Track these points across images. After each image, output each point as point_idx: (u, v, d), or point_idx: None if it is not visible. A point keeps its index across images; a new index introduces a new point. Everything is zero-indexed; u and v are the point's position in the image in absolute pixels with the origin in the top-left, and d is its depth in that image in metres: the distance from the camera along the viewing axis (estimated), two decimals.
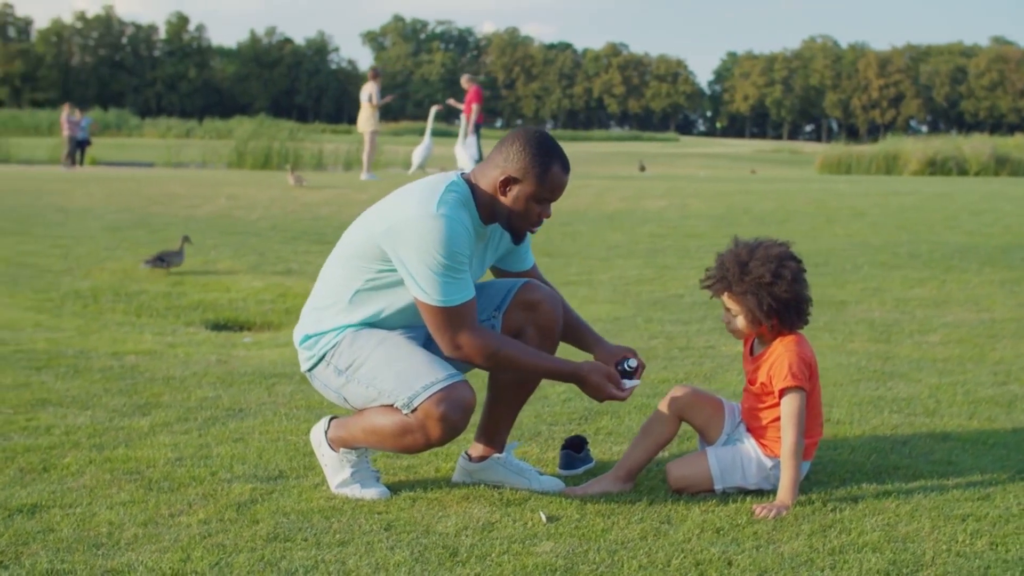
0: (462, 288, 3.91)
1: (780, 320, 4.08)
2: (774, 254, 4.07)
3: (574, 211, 16.59)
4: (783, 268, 4.04)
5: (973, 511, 3.90)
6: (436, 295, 3.88)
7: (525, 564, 3.42)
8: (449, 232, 3.83)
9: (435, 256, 3.83)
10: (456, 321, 3.92)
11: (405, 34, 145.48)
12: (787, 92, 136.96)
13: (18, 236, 13.01)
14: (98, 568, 3.42)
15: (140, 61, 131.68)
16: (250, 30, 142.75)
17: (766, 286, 4.04)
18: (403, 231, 3.87)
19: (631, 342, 7.42)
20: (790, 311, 4.06)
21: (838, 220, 15.37)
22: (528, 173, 3.98)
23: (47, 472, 4.49)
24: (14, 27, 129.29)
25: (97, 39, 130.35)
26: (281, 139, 40.09)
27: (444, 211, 3.85)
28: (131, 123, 74.98)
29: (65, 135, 34.76)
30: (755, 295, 4.06)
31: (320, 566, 3.42)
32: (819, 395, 4.21)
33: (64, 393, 5.89)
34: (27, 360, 6.71)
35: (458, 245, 3.86)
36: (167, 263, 10.47)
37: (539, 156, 3.98)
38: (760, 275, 4.04)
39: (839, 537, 3.65)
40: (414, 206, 3.88)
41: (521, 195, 4.00)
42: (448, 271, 3.85)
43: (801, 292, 4.07)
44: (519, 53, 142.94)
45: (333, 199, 18.64)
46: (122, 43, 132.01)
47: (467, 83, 26.10)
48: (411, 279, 3.90)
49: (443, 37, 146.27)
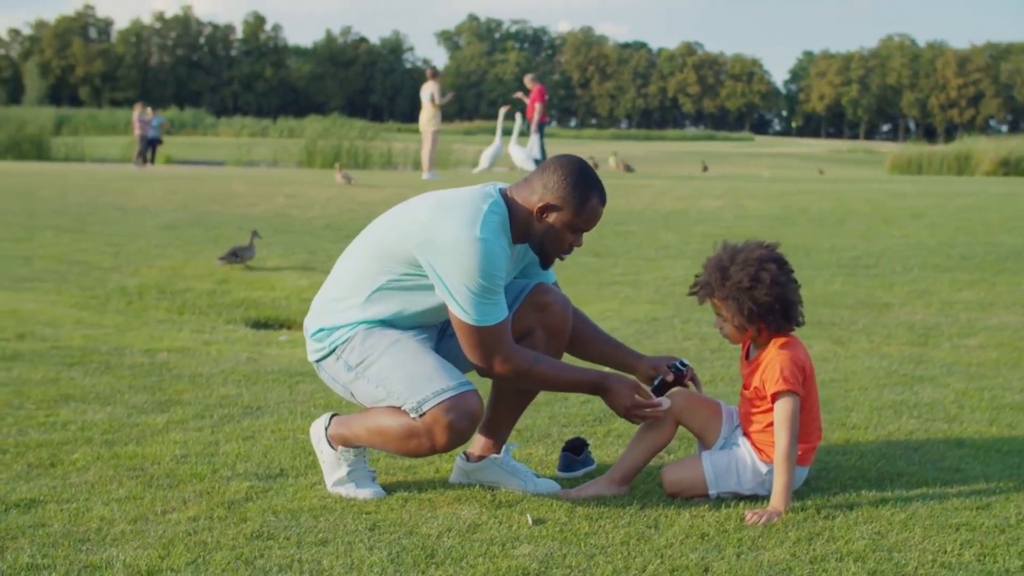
0: (497, 308, 3.94)
1: (765, 324, 4.02)
2: (754, 257, 4.02)
3: (630, 211, 16.53)
4: (762, 271, 3.99)
5: (969, 520, 3.81)
6: (473, 315, 3.91)
7: (499, 567, 3.40)
8: (490, 257, 3.86)
9: (475, 279, 3.86)
10: (490, 340, 3.97)
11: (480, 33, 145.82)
12: (864, 91, 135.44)
13: (75, 234, 13.20)
14: (78, 563, 3.45)
15: (217, 61, 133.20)
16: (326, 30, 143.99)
17: (746, 291, 3.99)
18: (444, 249, 3.89)
19: (666, 343, 7.39)
20: (774, 314, 4.00)
21: (896, 221, 15.16)
22: (567, 202, 3.99)
23: (54, 467, 4.54)
24: (95, 28, 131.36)
25: (175, 39, 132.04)
26: (351, 138, 40.38)
27: (486, 235, 3.88)
28: (206, 122, 75.92)
29: (136, 134, 35.22)
30: (736, 300, 4.01)
31: (295, 565, 3.42)
32: (816, 399, 4.15)
33: (89, 389, 5.95)
34: (61, 356, 6.80)
35: (497, 269, 3.89)
36: (240, 258, 10.75)
37: (579, 186, 4.00)
38: (739, 280, 4.00)
39: (825, 545, 3.59)
40: (457, 226, 3.89)
41: (557, 223, 4.02)
42: (485, 292, 3.89)
43: (784, 294, 4.01)
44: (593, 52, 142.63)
45: (391, 198, 18.68)
46: (199, 43, 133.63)
47: (530, 83, 26.13)
48: (449, 296, 3.92)
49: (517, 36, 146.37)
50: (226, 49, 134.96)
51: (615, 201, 17.77)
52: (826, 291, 9.50)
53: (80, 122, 64.62)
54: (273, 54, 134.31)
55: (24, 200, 17.63)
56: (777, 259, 4.05)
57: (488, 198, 4.00)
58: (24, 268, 10.65)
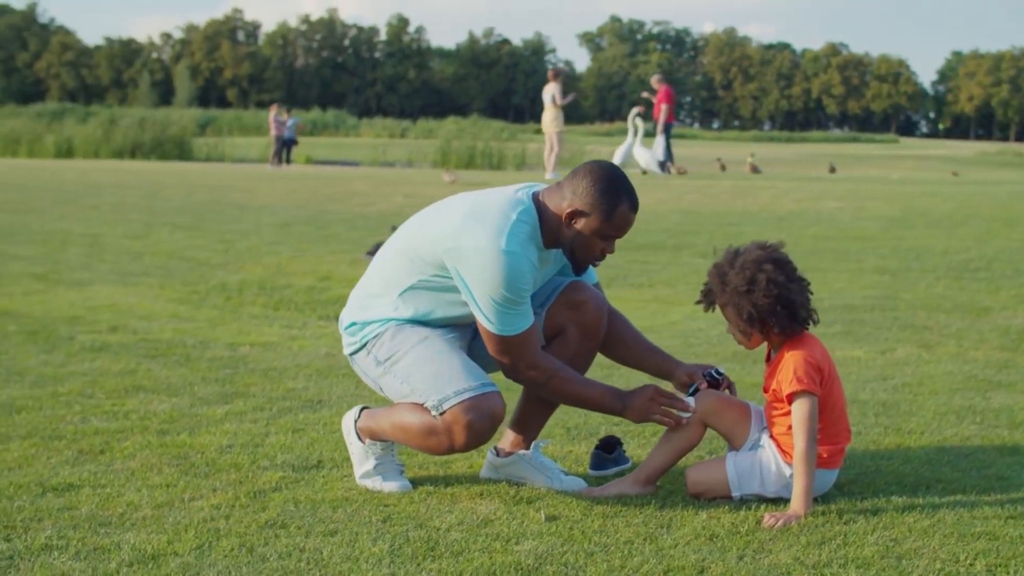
0: (521, 318, 3.95)
1: (769, 326, 3.95)
2: (751, 259, 3.95)
3: (746, 212, 16.38)
4: (759, 273, 3.91)
5: (994, 530, 3.67)
6: (496, 324, 3.93)
7: (495, 561, 3.40)
8: (515, 269, 3.86)
9: (498, 290, 3.87)
10: (513, 349, 3.99)
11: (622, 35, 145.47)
12: (1015, 92, 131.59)
13: (190, 231, 13.53)
14: (89, 545, 3.55)
15: (361, 62, 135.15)
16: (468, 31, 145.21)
17: (744, 294, 3.92)
18: (469, 258, 3.90)
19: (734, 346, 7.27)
20: (776, 316, 3.92)
21: (1019, 223, 14.73)
22: (596, 209, 3.96)
23: (102, 454, 4.67)
24: (243, 31, 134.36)
25: (320, 41, 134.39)
26: (485, 139, 40.61)
27: (512, 248, 3.87)
28: (348, 123, 77.02)
29: (272, 135, 35.93)
30: (735, 305, 3.96)
31: (295, 554, 3.47)
32: (840, 398, 4.05)
33: (162, 380, 6.10)
34: (146, 349, 6.98)
35: (522, 281, 3.89)
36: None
37: (608, 193, 3.96)
38: (737, 284, 3.94)
39: (833, 551, 3.50)
40: (484, 236, 3.89)
41: (586, 229, 3.99)
42: (509, 303, 3.90)
43: (784, 295, 3.91)
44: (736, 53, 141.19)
45: None
46: (344, 45, 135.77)
47: (657, 83, 26.00)
48: (473, 303, 3.95)
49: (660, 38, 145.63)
50: (370, 51, 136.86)
51: (734, 203, 17.73)
52: (927, 294, 9.27)
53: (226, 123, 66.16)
54: (416, 56, 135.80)
55: (151, 198, 18.13)
56: (775, 259, 3.96)
57: (518, 205, 3.99)
58: (134, 264, 10.94)
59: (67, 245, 12.19)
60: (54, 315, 8.12)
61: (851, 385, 6.04)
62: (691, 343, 7.35)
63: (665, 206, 17.46)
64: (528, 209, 3.99)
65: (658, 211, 16.59)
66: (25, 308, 8.39)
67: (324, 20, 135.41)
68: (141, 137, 40.96)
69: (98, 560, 3.42)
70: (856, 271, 10.71)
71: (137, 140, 40.79)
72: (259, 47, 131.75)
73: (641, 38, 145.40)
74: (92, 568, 3.36)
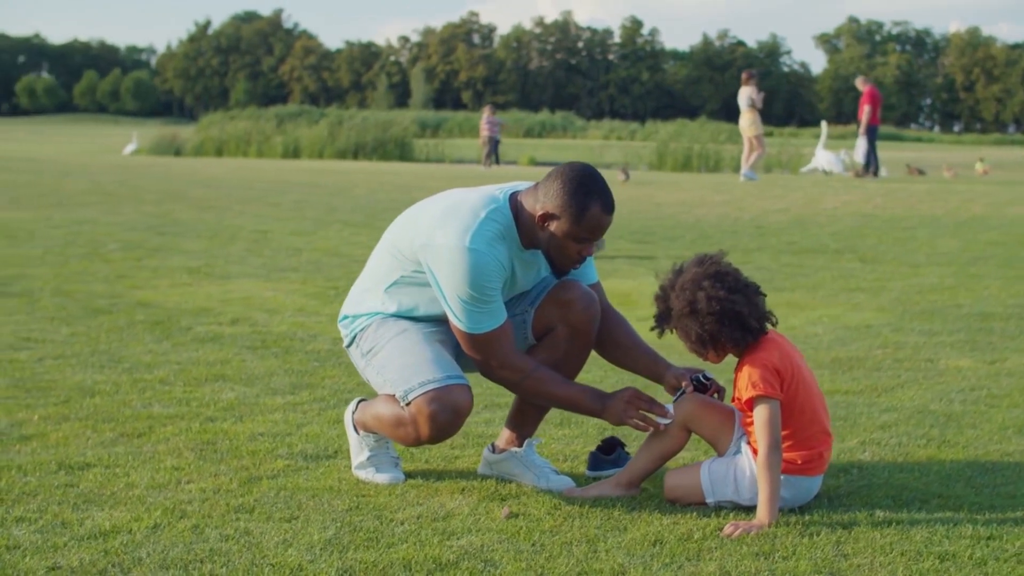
0: (490, 317, 3.97)
1: (720, 343, 3.84)
2: (689, 279, 3.84)
3: (926, 217, 15.85)
4: (699, 292, 3.80)
5: (957, 551, 3.48)
6: (465, 322, 3.98)
7: (419, 554, 3.44)
8: (478, 268, 3.89)
9: (464, 288, 3.91)
10: (484, 347, 4.02)
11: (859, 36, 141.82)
12: None
13: (359, 228, 13.89)
14: (58, 519, 3.75)
15: (595, 64, 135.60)
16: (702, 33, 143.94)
17: (688, 316, 3.83)
18: (437, 255, 3.95)
19: (857, 350, 7.09)
20: (725, 331, 3.81)
21: None
22: (565, 211, 3.94)
23: (139, 438, 4.89)
24: (478, 34, 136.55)
25: (554, 44, 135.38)
26: (702, 141, 40.30)
27: (476, 246, 3.89)
28: (576, 125, 77.37)
29: (484, 135, 36.33)
30: (683, 328, 3.88)
31: (235, 537, 3.59)
32: (811, 400, 3.90)
33: (246, 371, 6.30)
34: (252, 340, 7.21)
35: (487, 279, 3.91)
36: (599, 247, 11.07)
37: (577, 195, 3.93)
38: (680, 308, 3.85)
39: (771, 563, 3.38)
40: (451, 233, 3.93)
41: (558, 232, 3.98)
42: (476, 302, 3.93)
43: (728, 308, 3.79)
44: (980, 54, 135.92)
45: (687, 200, 18.66)
46: (578, 47, 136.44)
47: (861, 84, 25.37)
48: (443, 300, 4.00)
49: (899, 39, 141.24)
50: (603, 53, 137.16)
51: (919, 207, 17.16)
52: None
53: (456, 125, 67.45)
54: (650, 58, 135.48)
55: (334, 197, 18.64)
56: (714, 275, 3.83)
57: (491, 204, 4.00)
58: (289, 259, 11.29)
59: (234, 241, 12.66)
60: (186, 307, 8.46)
61: (931, 394, 5.84)
62: None
63: (845, 209, 17.04)
64: (500, 208, 3.99)
65: (836, 214, 16.20)
66: (163, 299, 8.76)
67: (558, 23, 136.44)
68: (364, 138, 42.06)
69: (54, 534, 3.61)
70: (1014, 278, 10.25)
71: (360, 141, 41.90)
72: (494, 50, 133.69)
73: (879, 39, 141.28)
74: (44, 540, 3.54)
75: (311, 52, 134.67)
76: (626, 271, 10.72)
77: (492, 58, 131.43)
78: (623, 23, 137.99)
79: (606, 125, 77.35)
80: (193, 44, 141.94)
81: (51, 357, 6.50)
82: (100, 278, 9.73)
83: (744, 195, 19.61)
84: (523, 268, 4.11)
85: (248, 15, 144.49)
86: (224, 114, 60.04)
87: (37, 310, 8.10)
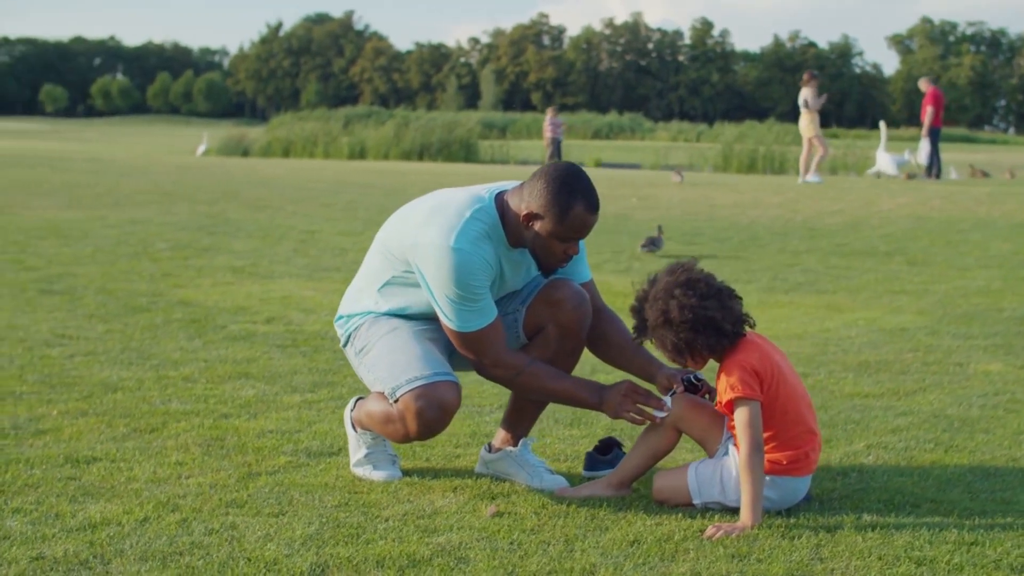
0: (479, 315, 4.01)
1: (696, 350, 3.84)
2: (660, 290, 3.85)
3: (983, 218, 15.67)
4: (671, 302, 3.81)
5: (935, 556, 3.45)
6: (454, 320, 4.02)
7: (392, 550, 3.48)
8: (463, 267, 3.92)
9: (450, 287, 3.95)
10: (475, 344, 4.05)
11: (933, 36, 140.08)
12: None
13: None
14: (52, 511, 3.84)
15: (665, 66, 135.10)
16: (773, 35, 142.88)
17: (662, 327, 3.84)
18: (423, 255, 4.00)
19: (887, 353, 7.03)
20: (701, 338, 3.81)
21: None
22: (548, 211, 3.97)
23: (151, 433, 4.98)
24: (548, 35, 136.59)
25: (624, 45, 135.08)
26: (767, 143, 39.99)
27: (461, 245, 3.93)
28: (644, 127, 77.12)
29: (548, 136, 36.35)
30: (659, 339, 3.89)
31: (220, 531, 3.66)
32: (794, 400, 3.88)
33: (270, 369, 6.38)
34: (283, 339, 7.29)
35: (473, 278, 3.95)
36: (656, 246, 11.97)
37: (560, 195, 3.95)
38: (654, 318, 3.85)
39: (743, 565, 3.38)
40: (436, 232, 3.97)
41: (543, 231, 4.00)
42: (463, 300, 3.97)
43: (701, 317, 3.78)
44: None
45: (741, 201, 18.56)
46: (648, 48, 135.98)
47: (924, 85, 25.09)
48: (432, 299, 4.05)
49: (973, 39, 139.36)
50: (673, 54, 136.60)
51: (977, 209, 16.93)
52: None
53: (524, 126, 67.48)
54: (720, 59, 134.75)
55: (387, 198, 18.73)
56: (684, 283, 3.83)
57: (476, 203, 4.03)
58: (334, 259, 11.38)
59: (282, 240, 12.78)
60: (224, 305, 8.56)
61: (951, 398, 5.79)
62: (826, 351, 7.11)
63: (901, 211, 16.86)
64: (486, 208, 4.01)
65: (890, 216, 16.05)
66: (203, 298, 8.87)
67: (628, 24, 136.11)
68: (429, 139, 42.21)
69: (46, 525, 3.69)
70: None
71: (425, 142, 42.03)
72: (563, 51, 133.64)
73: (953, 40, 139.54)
74: (34, 531, 3.63)
75: (381, 53, 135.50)
76: None
77: (562, 59, 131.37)
78: (693, 24, 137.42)
79: (674, 127, 76.94)
80: (265, 46, 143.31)
81: (82, 354, 6.62)
82: (145, 277, 9.87)
83: (800, 197, 19.46)
84: (512, 267, 4.14)
85: (319, 17, 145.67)
86: (293, 115, 60.48)
87: (78, 307, 8.24)
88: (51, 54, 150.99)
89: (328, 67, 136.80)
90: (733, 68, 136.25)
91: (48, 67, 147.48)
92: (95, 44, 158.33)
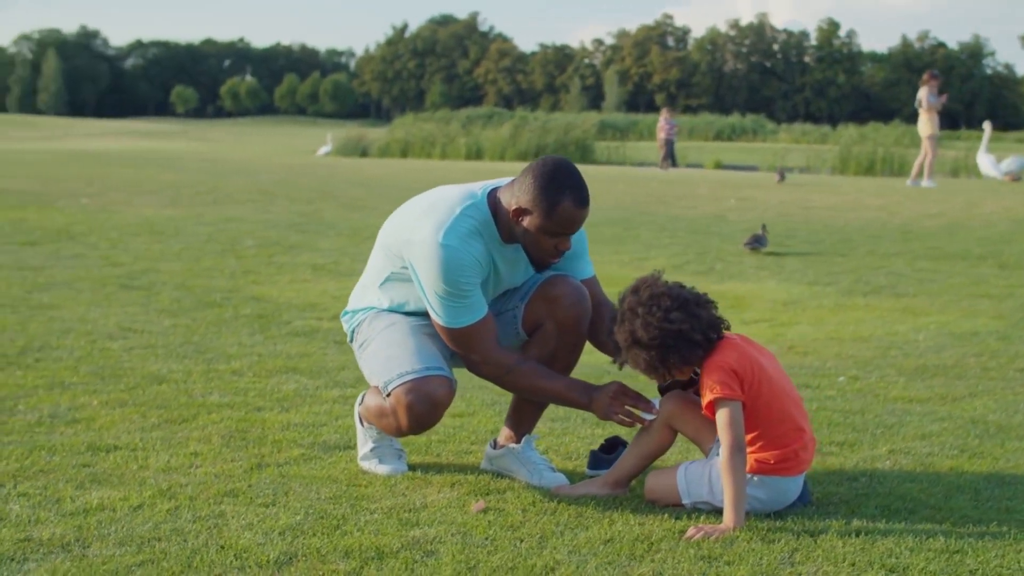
0: (468, 311, 4.03)
1: (670, 365, 3.80)
2: (626, 310, 3.82)
3: None
4: (636, 321, 3.78)
5: (909, 564, 3.39)
6: (443, 316, 4.06)
7: (366, 543, 3.53)
8: (451, 263, 3.95)
9: (439, 283, 3.99)
10: (464, 342, 4.09)
11: None
12: None
13: None
14: (56, 495, 3.97)
15: (790, 67, 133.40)
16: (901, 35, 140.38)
17: (632, 347, 3.82)
18: (415, 251, 4.04)
19: (949, 357, 6.89)
20: (672, 354, 3.77)
21: None
22: (537, 206, 3.98)
23: (182, 423, 5.10)
24: (672, 36, 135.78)
25: (749, 46, 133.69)
26: (886, 145, 39.28)
27: (449, 241, 3.96)
28: (767, 128, 76.24)
29: (661, 137, 36.02)
30: (632, 360, 3.87)
31: (206, 519, 3.74)
32: (778, 398, 3.83)
33: (321, 364, 6.48)
34: (342, 336, 7.34)
35: (461, 275, 3.97)
36: (761, 244, 11.96)
37: (548, 190, 3.96)
38: (623, 340, 3.84)
39: (716, 568, 3.36)
40: (426, 229, 4.01)
41: (532, 227, 4.01)
42: (451, 297, 4.00)
43: (667, 331, 3.75)
44: None
45: (840, 204, 18.28)
46: (773, 50, 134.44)
47: None
48: (423, 295, 4.09)
49: None
50: (799, 55, 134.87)
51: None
52: None
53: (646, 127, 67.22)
54: (847, 60, 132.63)
55: None
56: (646, 301, 3.80)
57: (467, 200, 4.06)
58: None
59: (368, 240, 12.83)
60: (296, 302, 8.71)
61: (997, 404, 5.70)
62: (887, 355, 6.99)
63: (1004, 214, 16.48)
64: (477, 204, 4.04)
65: (991, 219, 15.69)
66: (277, 294, 9.03)
67: (754, 25, 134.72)
68: (545, 140, 42.29)
69: (44, 509, 3.83)
70: None
71: (541, 143, 42.12)
72: (688, 52, 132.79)
73: None
74: (31, 515, 3.77)
75: (505, 55, 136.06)
76: (750, 274, 10.59)
77: (686, 60, 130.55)
78: (819, 25, 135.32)
79: (797, 128, 75.82)
80: (390, 47, 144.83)
81: (140, 347, 6.78)
82: (226, 274, 10.07)
83: (903, 199, 19.12)
84: (506, 264, 4.15)
85: (444, 18, 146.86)
86: (414, 116, 61.06)
87: (152, 302, 8.44)
88: (182, 56, 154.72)
89: (452, 68, 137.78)
90: (860, 69, 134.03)
91: (179, 69, 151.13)
92: (225, 46, 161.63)
